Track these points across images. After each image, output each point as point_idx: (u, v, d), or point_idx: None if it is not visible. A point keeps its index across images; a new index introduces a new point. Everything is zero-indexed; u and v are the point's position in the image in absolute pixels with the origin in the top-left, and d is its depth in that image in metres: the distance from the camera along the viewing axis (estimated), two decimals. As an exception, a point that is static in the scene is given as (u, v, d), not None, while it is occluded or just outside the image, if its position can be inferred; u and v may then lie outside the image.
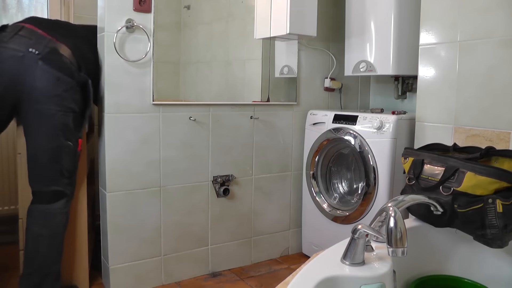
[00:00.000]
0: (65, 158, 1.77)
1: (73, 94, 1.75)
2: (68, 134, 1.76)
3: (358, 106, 2.69)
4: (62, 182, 1.78)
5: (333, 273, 1.03)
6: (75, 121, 1.77)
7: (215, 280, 2.17)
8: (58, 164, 1.76)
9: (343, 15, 2.41)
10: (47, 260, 1.78)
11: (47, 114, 1.71)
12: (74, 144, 1.79)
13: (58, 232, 1.80)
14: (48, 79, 1.68)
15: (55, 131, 1.73)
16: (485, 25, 1.63)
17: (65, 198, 1.79)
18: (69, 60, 1.76)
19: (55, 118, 1.72)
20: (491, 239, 1.21)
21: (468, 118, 1.71)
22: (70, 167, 1.79)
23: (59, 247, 1.81)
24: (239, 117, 2.24)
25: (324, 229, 2.30)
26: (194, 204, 2.15)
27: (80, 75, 1.78)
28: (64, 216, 1.80)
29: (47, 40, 1.71)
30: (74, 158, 1.81)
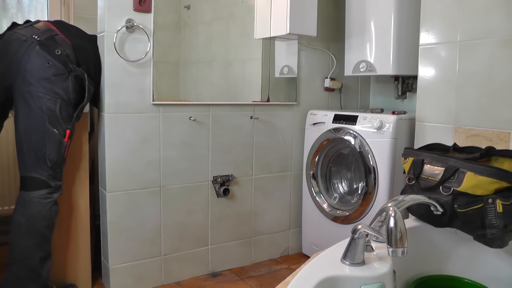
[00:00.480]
0: (49, 145, 1.76)
1: (63, 81, 1.77)
2: (54, 121, 1.76)
3: (358, 106, 2.69)
4: (43, 170, 1.76)
5: (333, 273, 1.03)
6: (63, 110, 1.77)
7: (215, 280, 2.17)
8: (40, 150, 1.76)
9: (343, 15, 2.41)
10: (25, 250, 1.75)
11: (34, 97, 1.74)
12: (60, 133, 1.78)
13: (36, 222, 1.76)
14: (40, 61, 1.74)
15: (41, 113, 1.74)
16: (485, 25, 1.63)
17: (47, 189, 1.77)
18: (66, 52, 1.79)
19: (41, 102, 1.74)
20: (491, 239, 1.21)
21: (468, 118, 1.71)
22: (53, 156, 1.77)
23: (38, 239, 1.76)
24: (239, 117, 2.24)
25: (324, 229, 2.30)
26: (194, 204, 2.15)
27: (75, 68, 1.80)
28: (44, 207, 1.76)
29: (54, 33, 1.79)
30: (59, 148, 1.78)
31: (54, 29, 1.82)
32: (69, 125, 1.80)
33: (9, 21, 2.52)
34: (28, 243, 1.75)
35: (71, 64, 1.80)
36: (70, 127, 1.81)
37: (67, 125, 1.79)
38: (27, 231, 1.75)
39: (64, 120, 1.78)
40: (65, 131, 1.79)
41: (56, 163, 1.78)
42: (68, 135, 1.80)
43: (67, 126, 1.79)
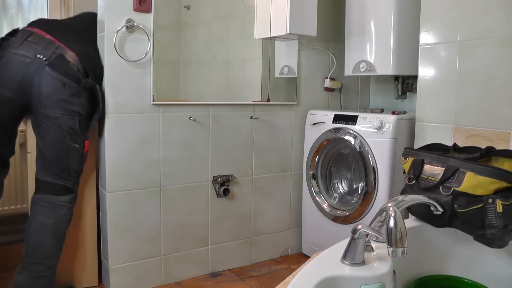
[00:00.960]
0: (72, 159, 1.82)
1: (79, 98, 1.79)
2: (75, 137, 1.80)
3: (358, 106, 2.69)
4: (68, 179, 1.83)
5: (333, 273, 1.03)
6: (81, 124, 1.81)
7: (215, 280, 2.17)
8: (65, 164, 1.82)
9: (343, 15, 2.41)
10: (50, 251, 1.81)
11: (53, 118, 1.76)
12: (81, 146, 1.83)
13: (62, 224, 1.83)
14: (54, 84, 1.73)
15: (62, 133, 1.78)
16: (485, 25, 1.63)
17: (72, 194, 1.84)
18: (75, 66, 1.79)
19: (61, 122, 1.77)
20: (491, 239, 1.21)
21: (468, 118, 1.71)
22: (76, 167, 1.84)
23: (60, 241, 1.83)
24: (239, 117, 2.24)
25: (324, 229, 2.30)
26: (194, 204, 2.15)
27: (87, 81, 1.81)
28: (69, 210, 1.84)
29: (55, 47, 1.76)
30: (81, 159, 1.85)
31: (52, 39, 1.77)
32: (87, 135, 1.86)
33: (9, 21, 2.52)
34: (54, 245, 1.80)
35: (83, 78, 1.80)
36: (88, 136, 1.86)
37: (85, 136, 1.85)
38: (54, 233, 1.80)
39: (83, 133, 1.83)
40: (84, 142, 1.84)
41: (78, 172, 1.86)
42: (87, 145, 1.86)
43: (85, 137, 1.85)
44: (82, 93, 1.80)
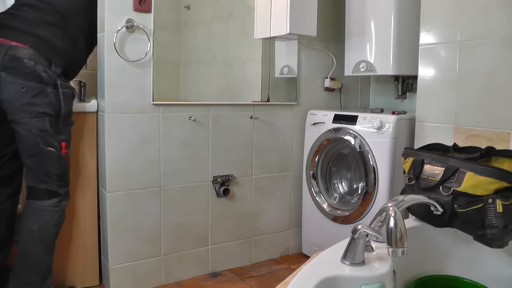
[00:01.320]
0: (49, 163, 1.75)
1: (44, 98, 1.67)
2: (48, 140, 1.71)
3: (358, 106, 2.69)
4: (51, 183, 1.77)
5: (333, 273, 1.03)
6: (54, 125, 1.71)
7: (215, 280, 2.17)
8: (44, 168, 1.75)
9: (343, 15, 2.41)
10: (37, 257, 1.76)
11: (23, 123, 1.68)
12: (57, 148, 1.74)
13: (48, 230, 1.77)
14: (13, 89, 1.63)
15: (34, 138, 1.69)
16: (485, 25, 1.63)
17: (58, 197, 1.78)
18: (32, 61, 1.65)
19: (31, 126, 1.68)
20: (491, 239, 1.21)
21: (468, 118, 1.70)
22: (56, 171, 1.76)
23: (48, 246, 1.78)
24: (239, 117, 2.24)
25: (324, 229, 2.30)
26: (194, 204, 2.15)
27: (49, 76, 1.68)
28: (55, 214, 1.78)
29: (6, 48, 1.62)
30: (59, 162, 1.76)
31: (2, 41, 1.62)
32: (63, 136, 1.76)
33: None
34: (41, 251, 1.76)
35: (45, 73, 1.67)
36: (65, 137, 1.77)
37: (61, 137, 1.75)
38: (40, 238, 1.75)
39: (57, 134, 1.73)
40: (61, 144, 1.75)
41: (61, 175, 1.78)
42: (65, 146, 1.76)
43: (61, 138, 1.75)
44: (46, 91, 1.67)
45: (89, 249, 2.01)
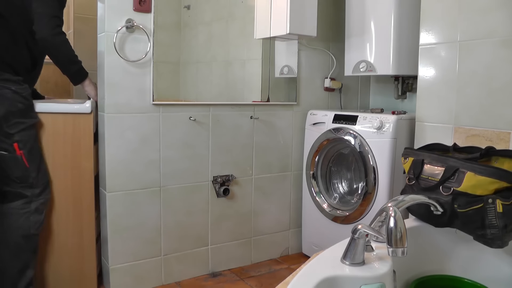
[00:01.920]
0: (7, 167, 1.72)
1: None
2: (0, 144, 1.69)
3: (358, 106, 2.69)
4: (15, 186, 1.73)
5: (333, 273, 1.03)
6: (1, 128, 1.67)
7: (215, 280, 2.17)
8: (4, 173, 1.72)
9: (343, 15, 2.41)
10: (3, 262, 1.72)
11: None
12: (10, 151, 1.69)
13: (10, 232, 1.71)
14: None
15: None
16: (485, 25, 1.63)
17: (22, 199, 1.74)
18: None
19: None
20: (491, 239, 1.21)
21: (468, 118, 1.70)
22: (16, 173, 1.72)
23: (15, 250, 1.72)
24: (239, 117, 2.24)
25: (324, 229, 2.30)
26: (194, 204, 2.15)
27: None
28: (20, 217, 1.72)
29: None
30: (16, 164, 1.71)
31: None
32: (14, 137, 1.70)
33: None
34: (4, 254, 1.71)
35: None
36: (17, 138, 1.70)
37: (11, 139, 1.69)
38: (1, 242, 1.71)
39: (5, 136, 1.69)
40: (13, 146, 1.69)
41: (23, 177, 1.73)
42: (18, 147, 1.70)
43: (12, 140, 1.69)
44: None
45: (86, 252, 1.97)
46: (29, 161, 1.73)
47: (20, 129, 1.71)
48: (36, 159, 1.76)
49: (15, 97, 1.69)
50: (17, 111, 1.70)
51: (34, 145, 1.76)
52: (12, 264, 1.71)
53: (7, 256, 1.71)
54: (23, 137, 1.71)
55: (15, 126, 1.70)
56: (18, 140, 1.70)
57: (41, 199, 1.77)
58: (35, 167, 1.75)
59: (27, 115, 1.73)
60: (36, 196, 1.76)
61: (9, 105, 1.68)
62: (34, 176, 1.75)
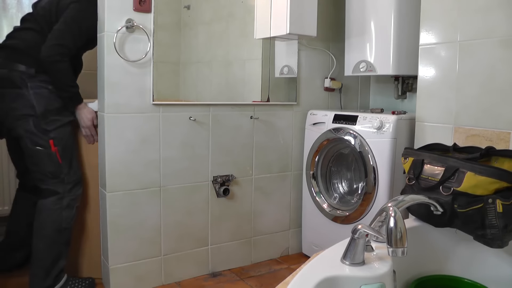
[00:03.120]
0: (41, 163, 1.83)
1: (22, 100, 1.78)
2: (34, 139, 1.80)
3: (358, 106, 2.69)
4: (48, 182, 1.84)
5: (333, 273, 1.03)
6: (37, 125, 1.79)
7: (215, 280, 2.17)
8: (38, 168, 1.84)
9: (343, 15, 2.41)
10: (36, 252, 1.84)
11: (12, 129, 1.83)
12: (46, 147, 1.81)
13: (44, 225, 1.83)
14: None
15: (24, 140, 1.81)
16: (485, 25, 1.63)
17: (56, 195, 1.84)
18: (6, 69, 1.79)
19: (18, 129, 1.80)
20: (491, 239, 1.21)
21: (468, 118, 1.71)
22: (50, 168, 1.83)
23: (47, 241, 1.83)
24: (239, 117, 2.24)
25: (324, 229, 2.30)
26: (194, 204, 2.15)
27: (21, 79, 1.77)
28: (53, 212, 1.83)
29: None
30: (50, 160, 1.82)
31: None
32: (50, 134, 1.81)
33: (9, 21, 2.53)
34: (40, 246, 1.84)
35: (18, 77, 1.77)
36: (53, 135, 1.82)
37: (48, 135, 1.81)
38: (37, 234, 1.84)
39: (42, 133, 1.80)
40: (49, 142, 1.81)
41: (56, 172, 1.85)
42: (53, 144, 1.82)
43: (48, 136, 1.81)
44: (23, 93, 1.77)
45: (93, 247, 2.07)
46: (62, 157, 1.85)
47: (56, 126, 1.84)
48: (69, 156, 1.88)
49: (52, 96, 1.83)
50: (54, 109, 1.83)
51: (68, 142, 1.88)
52: (46, 255, 1.83)
53: (42, 248, 1.83)
54: (58, 134, 1.84)
55: (52, 123, 1.83)
56: (54, 137, 1.82)
57: (72, 195, 1.89)
58: (67, 164, 1.87)
59: (63, 113, 1.86)
60: (67, 192, 1.87)
61: (47, 103, 1.81)
62: (66, 172, 1.86)
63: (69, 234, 1.90)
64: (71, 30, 1.83)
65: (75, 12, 1.84)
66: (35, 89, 1.80)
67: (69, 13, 1.84)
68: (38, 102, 1.79)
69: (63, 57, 1.81)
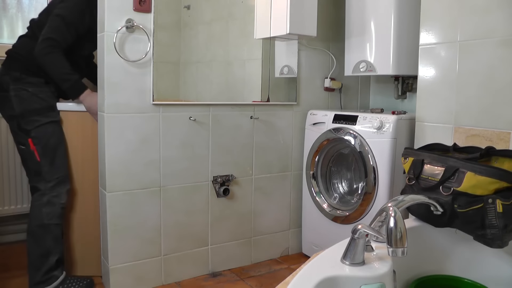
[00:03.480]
0: (25, 160, 1.97)
1: (7, 102, 1.90)
2: (18, 139, 1.94)
3: (358, 106, 2.69)
4: (32, 180, 1.96)
5: (333, 273, 1.03)
6: (21, 124, 1.90)
7: (215, 280, 2.17)
8: (25, 165, 2.00)
9: (343, 15, 2.41)
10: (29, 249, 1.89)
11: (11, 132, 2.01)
12: (26, 145, 1.90)
13: (31, 221, 1.90)
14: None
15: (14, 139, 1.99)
16: (485, 25, 1.63)
17: (37, 192, 1.92)
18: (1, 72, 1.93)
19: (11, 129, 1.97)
20: (491, 239, 1.21)
21: (468, 118, 1.70)
22: (32, 166, 1.93)
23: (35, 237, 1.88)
24: (239, 117, 2.24)
25: (324, 229, 2.30)
26: (194, 204, 2.15)
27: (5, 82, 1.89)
28: (35, 208, 1.90)
29: None
30: (31, 158, 1.91)
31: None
32: (30, 134, 1.89)
33: (9, 21, 2.53)
34: (28, 241, 1.90)
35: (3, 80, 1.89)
36: (34, 134, 1.89)
37: (28, 135, 1.89)
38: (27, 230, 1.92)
39: (24, 132, 1.90)
40: (28, 141, 1.89)
41: (36, 170, 1.92)
42: (32, 143, 1.89)
43: (28, 135, 1.89)
44: (8, 96, 1.88)
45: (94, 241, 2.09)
46: (42, 155, 1.90)
47: (35, 126, 1.89)
48: (50, 154, 1.92)
49: (32, 98, 1.90)
50: (32, 110, 1.89)
51: (49, 141, 1.92)
52: (33, 250, 1.88)
53: (30, 243, 1.89)
54: (38, 134, 1.90)
55: (31, 123, 1.89)
56: (33, 136, 1.89)
57: (54, 192, 1.91)
58: (47, 162, 1.91)
59: (43, 114, 1.91)
60: (49, 190, 1.90)
61: (25, 104, 1.89)
62: (46, 170, 1.91)
63: (57, 231, 1.91)
64: (57, 25, 1.90)
65: (60, 10, 1.92)
66: (15, 91, 1.89)
67: (55, 11, 1.92)
68: (17, 103, 1.88)
69: (54, 49, 1.87)
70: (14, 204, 2.43)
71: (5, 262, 2.24)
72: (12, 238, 2.50)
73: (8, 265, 2.21)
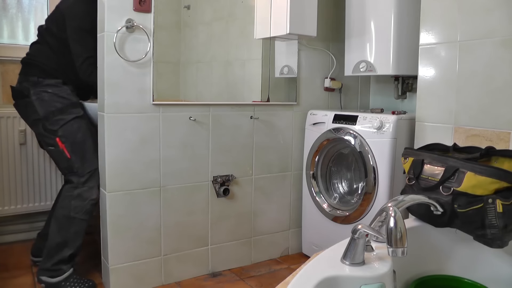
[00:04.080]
0: (57, 160, 2.04)
1: (30, 107, 1.96)
2: (46, 140, 2.00)
3: (358, 106, 2.69)
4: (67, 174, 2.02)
5: (333, 273, 1.03)
6: (47, 126, 1.96)
7: (215, 280, 2.17)
8: (57, 165, 2.09)
9: (343, 15, 2.41)
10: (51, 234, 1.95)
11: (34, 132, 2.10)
12: (55, 145, 1.96)
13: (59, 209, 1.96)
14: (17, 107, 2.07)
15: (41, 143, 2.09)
16: (485, 25, 1.63)
17: (71, 184, 1.98)
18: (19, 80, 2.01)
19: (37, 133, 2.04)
20: (491, 239, 1.21)
21: (468, 118, 1.71)
22: (62, 164, 2.01)
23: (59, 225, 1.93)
24: (239, 117, 2.24)
25: (324, 229, 2.30)
26: (194, 204, 2.15)
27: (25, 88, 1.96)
28: (65, 198, 1.96)
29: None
30: (61, 157, 1.97)
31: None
32: (57, 133, 1.95)
33: (9, 21, 2.54)
34: (52, 226, 1.97)
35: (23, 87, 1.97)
36: (61, 133, 1.95)
37: (55, 134, 1.95)
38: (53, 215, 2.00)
39: (50, 133, 1.96)
40: (56, 140, 1.95)
41: (68, 167, 1.99)
42: (60, 141, 1.95)
43: (55, 135, 1.95)
44: (29, 101, 1.95)
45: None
46: (71, 152, 1.96)
47: (61, 125, 1.95)
48: (79, 150, 1.97)
49: (52, 98, 1.96)
50: (56, 110, 1.95)
51: (76, 137, 1.98)
52: (53, 236, 1.94)
53: (52, 229, 1.96)
54: (64, 132, 1.95)
55: (56, 123, 1.95)
56: (60, 135, 1.95)
57: (85, 187, 1.97)
58: (78, 158, 1.97)
59: (66, 112, 1.96)
60: (81, 184, 1.96)
61: (48, 105, 1.95)
62: (78, 166, 1.97)
63: (81, 226, 1.95)
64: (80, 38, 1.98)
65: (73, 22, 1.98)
66: (36, 95, 1.95)
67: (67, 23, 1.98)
68: (39, 106, 1.94)
69: (94, 66, 1.96)
70: (14, 204, 2.43)
71: (5, 262, 2.24)
72: (12, 238, 2.51)
73: (8, 265, 2.21)
